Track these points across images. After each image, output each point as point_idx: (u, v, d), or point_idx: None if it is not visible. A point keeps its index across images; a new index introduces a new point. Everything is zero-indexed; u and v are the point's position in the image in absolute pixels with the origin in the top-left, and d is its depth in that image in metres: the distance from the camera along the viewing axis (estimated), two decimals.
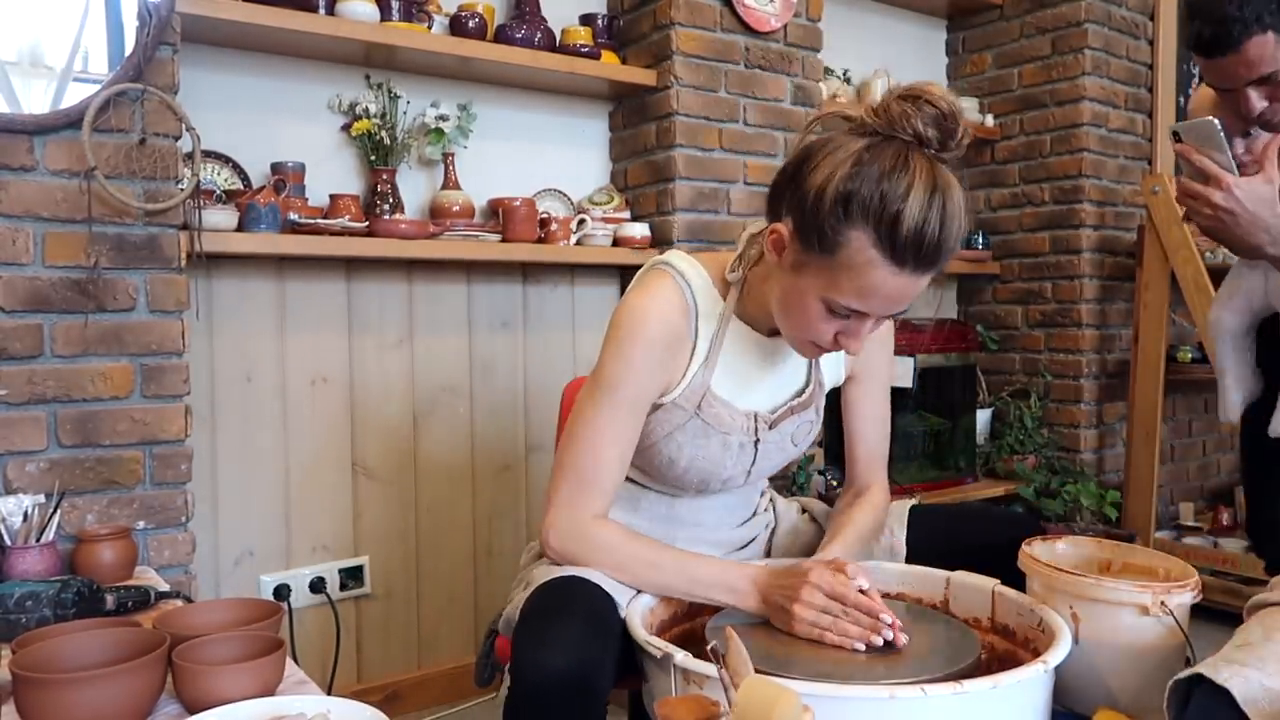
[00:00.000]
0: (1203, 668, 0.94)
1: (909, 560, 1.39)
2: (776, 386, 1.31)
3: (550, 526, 1.22)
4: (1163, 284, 2.84)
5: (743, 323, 1.26)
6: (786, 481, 2.54)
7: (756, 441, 1.28)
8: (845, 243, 1.04)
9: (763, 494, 1.49)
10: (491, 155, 2.38)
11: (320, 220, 1.97)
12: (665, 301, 1.20)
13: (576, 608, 1.10)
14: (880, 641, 1.08)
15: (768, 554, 1.43)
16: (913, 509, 1.43)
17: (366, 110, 2.12)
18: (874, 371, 1.39)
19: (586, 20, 2.43)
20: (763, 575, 1.16)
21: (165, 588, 1.52)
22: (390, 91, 2.16)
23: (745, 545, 1.42)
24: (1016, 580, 1.24)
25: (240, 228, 1.89)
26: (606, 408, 1.20)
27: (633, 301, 1.21)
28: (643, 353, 1.19)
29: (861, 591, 1.10)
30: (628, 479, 1.32)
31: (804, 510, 1.49)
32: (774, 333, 1.25)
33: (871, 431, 1.42)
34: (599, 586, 1.15)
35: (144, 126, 1.69)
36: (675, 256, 1.26)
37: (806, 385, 1.33)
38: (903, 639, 1.08)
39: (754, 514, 1.45)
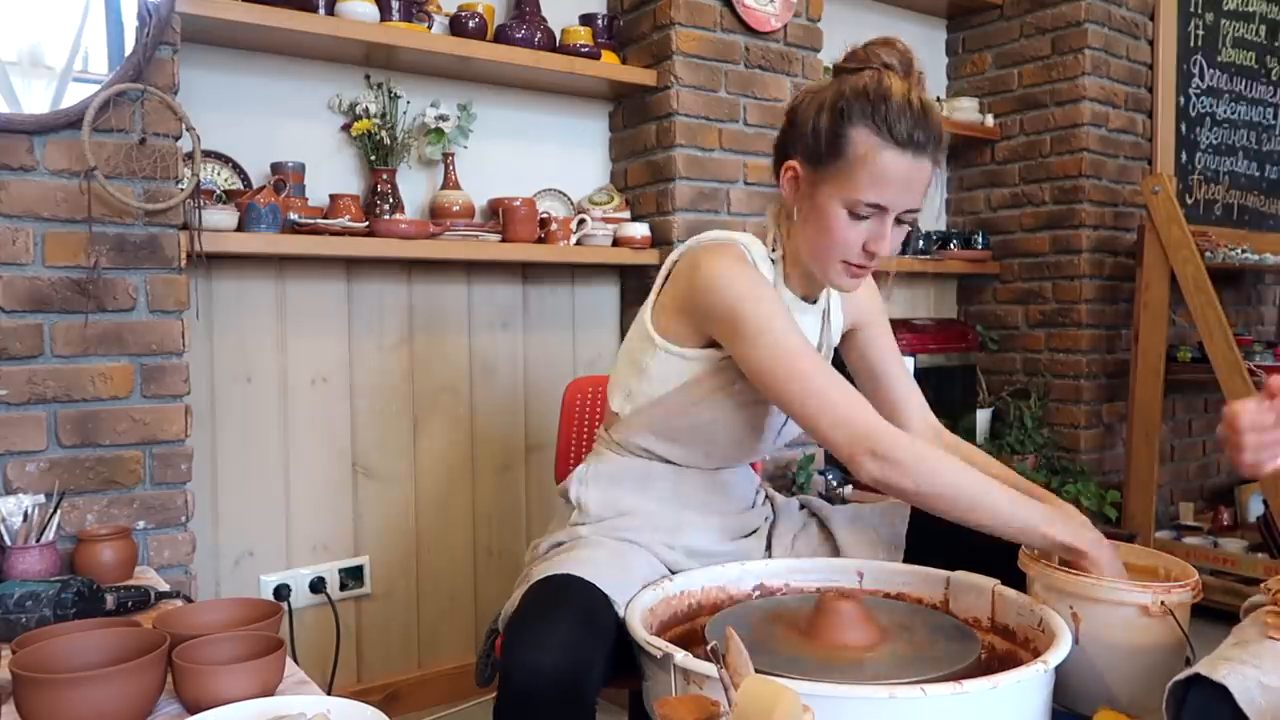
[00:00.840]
0: (1200, 666, 0.94)
1: (909, 558, 1.39)
2: None
3: (873, 445, 1.15)
4: (1163, 284, 2.84)
5: (787, 290, 1.34)
6: (786, 482, 2.54)
7: None
8: (849, 141, 1.18)
9: (758, 490, 1.50)
10: (491, 155, 2.38)
11: (320, 220, 1.97)
12: (747, 261, 1.27)
13: (568, 606, 1.11)
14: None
15: (768, 547, 1.43)
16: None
17: (366, 110, 2.12)
18: (874, 316, 1.47)
19: (586, 20, 2.43)
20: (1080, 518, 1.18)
21: (165, 588, 1.52)
22: (390, 91, 2.16)
23: (750, 534, 1.43)
24: (1017, 580, 1.24)
25: (240, 228, 1.89)
26: (803, 354, 1.19)
27: (722, 265, 1.24)
28: (761, 286, 1.23)
29: None
30: (642, 451, 1.36)
31: (803, 506, 1.50)
32: (808, 297, 1.35)
33: (900, 370, 1.47)
34: (593, 585, 1.15)
35: (144, 126, 1.69)
36: (726, 233, 1.32)
37: (820, 346, 1.40)
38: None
39: (753, 504, 1.46)
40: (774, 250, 1.33)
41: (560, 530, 1.38)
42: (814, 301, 1.38)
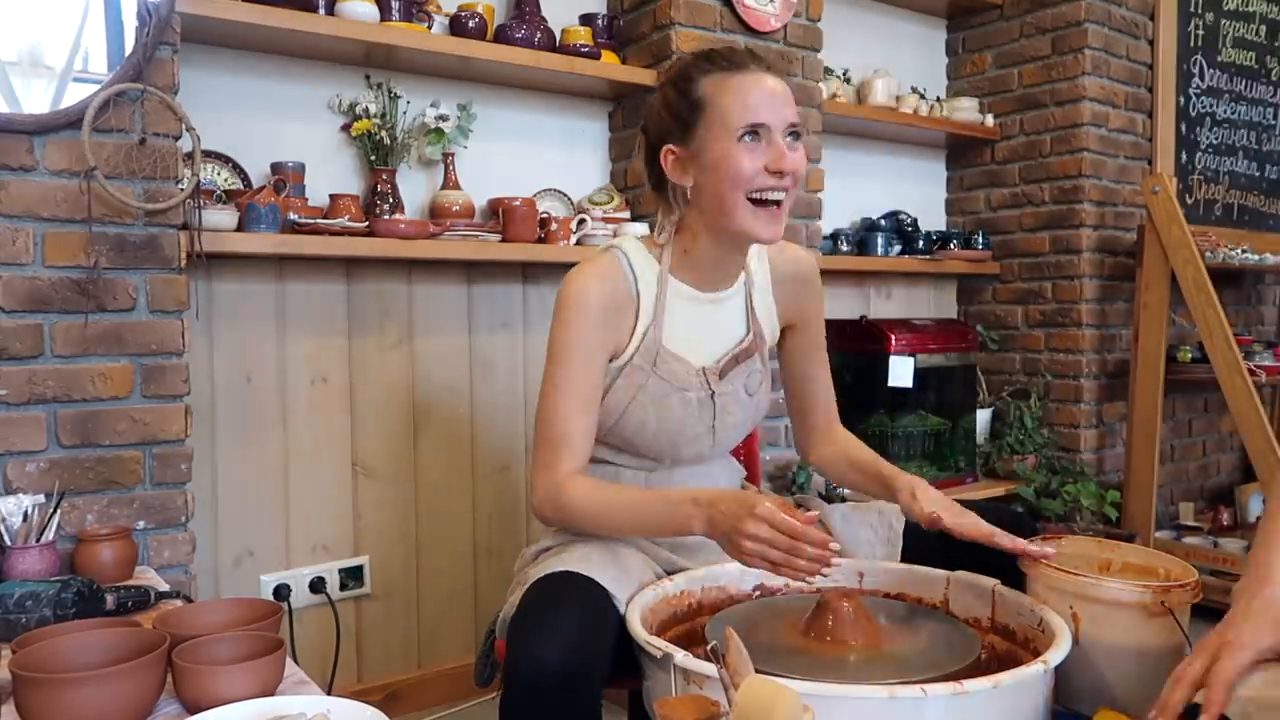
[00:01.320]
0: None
1: (906, 557, 1.39)
2: (719, 338, 1.39)
3: (534, 494, 1.29)
4: (1163, 284, 2.85)
5: (680, 282, 1.36)
6: (786, 481, 2.54)
7: (712, 395, 1.36)
8: (700, 93, 1.26)
9: (744, 486, 1.51)
10: (491, 155, 2.38)
11: (320, 220, 1.97)
12: (601, 273, 1.32)
13: (572, 602, 1.12)
14: (828, 574, 1.11)
15: None
16: None
17: (366, 110, 2.12)
18: (813, 316, 1.50)
19: (586, 20, 2.43)
20: (708, 500, 1.17)
21: (165, 588, 1.52)
22: (390, 91, 2.16)
23: None
24: (1016, 581, 1.24)
25: (240, 228, 1.89)
26: (561, 372, 1.30)
27: (572, 279, 1.31)
28: (585, 318, 1.29)
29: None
30: (605, 461, 1.38)
31: (799, 505, 1.49)
32: (709, 289, 1.37)
33: (824, 377, 1.52)
34: (595, 582, 1.16)
35: (144, 126, 1.69)
36: (618, 238, 1.41)
37: (746, 333, 1.41)
38: (837, 562, 1.14)
39: None
40: (660, 235, 1.36)
41: (547, 536, 1.40)
42: (721, 291, 1.38)
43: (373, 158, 2.15)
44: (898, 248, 2.99)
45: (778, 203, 1.26)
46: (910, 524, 1.41)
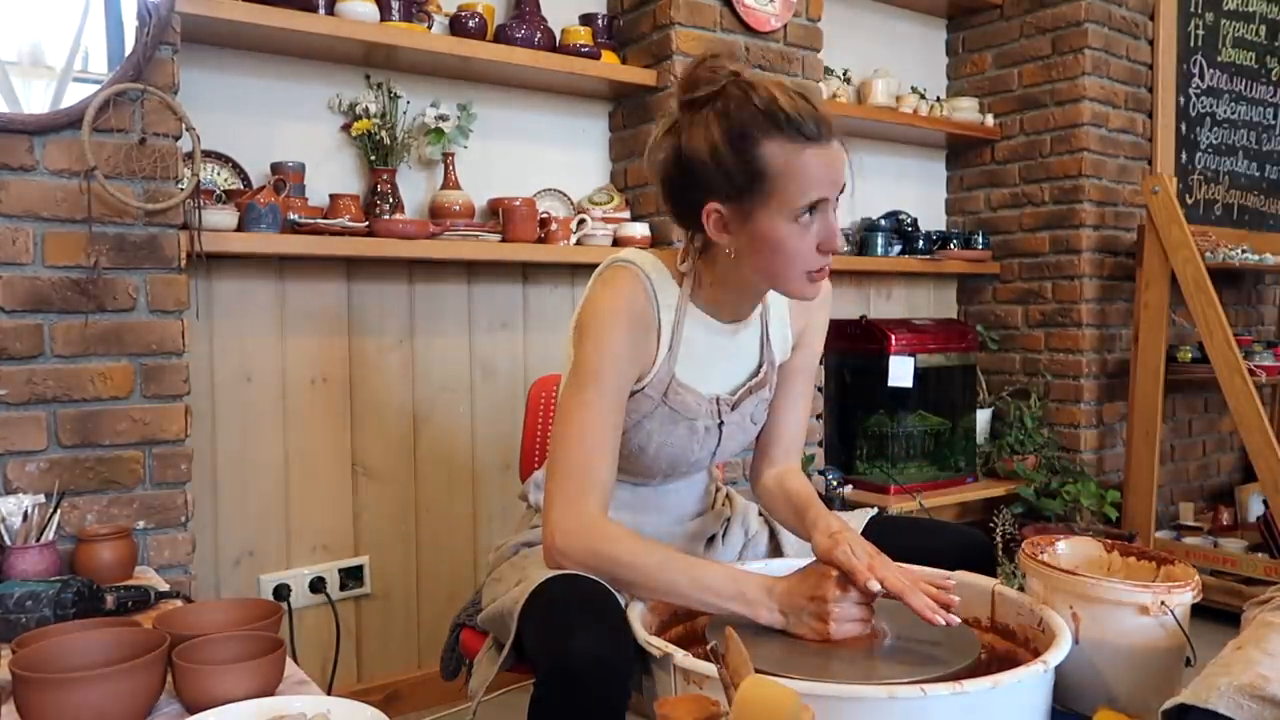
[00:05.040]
0: (1186, 695, 0.94)
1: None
2: (734, 370, 1.34)
3: (555, 529, 1.16)
4: (1163, 284, 2.85)
5: (699, 310, 1.29)
6: None
7: (720, 424, 1.32)
8: (764, 160, 1.13)
9: (718, 489, 1.51)
10: (491, 155, 2.38)
11: (320, 220, 1.97)
12: (633, 292, 1.23)
13: (594, 598, 1.10)
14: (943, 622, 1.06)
15: (709, 544, 1.44)
16: (873, 518, 1.44)
17: (366, 110, 2.12)
18: (810, 339, 1.42)
19: (586, 20, 2.43)
20: (779, 586, 1.13)
21: (165, 588, 1.52)
22: (390, 91, 2.16)
23: (710, 538, 1.43)
24: None
25: (240, 228, 1.89)
26: (595, 399, 1.19)
27: (602, 294, 1.23)
28: (623, 339, 1.21)
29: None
30: None
31: (761, 513, 1.50)
32: (728, 319, 1.31)
33: (800, 410, 1.44)
34: (599, 582, 1.15)
35: (144, 126, 1.69)
36: (632, 253, 1.29)
37: (761, 365, 1.36)
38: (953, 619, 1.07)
39: (712, 505, 1.47)
40: (682, 262, 1.28)
41: (525, 532, 1.39)
42: (738, 322, 1.32)
43: (373, 158, 2.15)
44: (898, 248, 2.99)
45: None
46: (869, 532, 1.38)
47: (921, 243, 3.03)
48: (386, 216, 2.10)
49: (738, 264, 1.21)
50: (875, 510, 1.48)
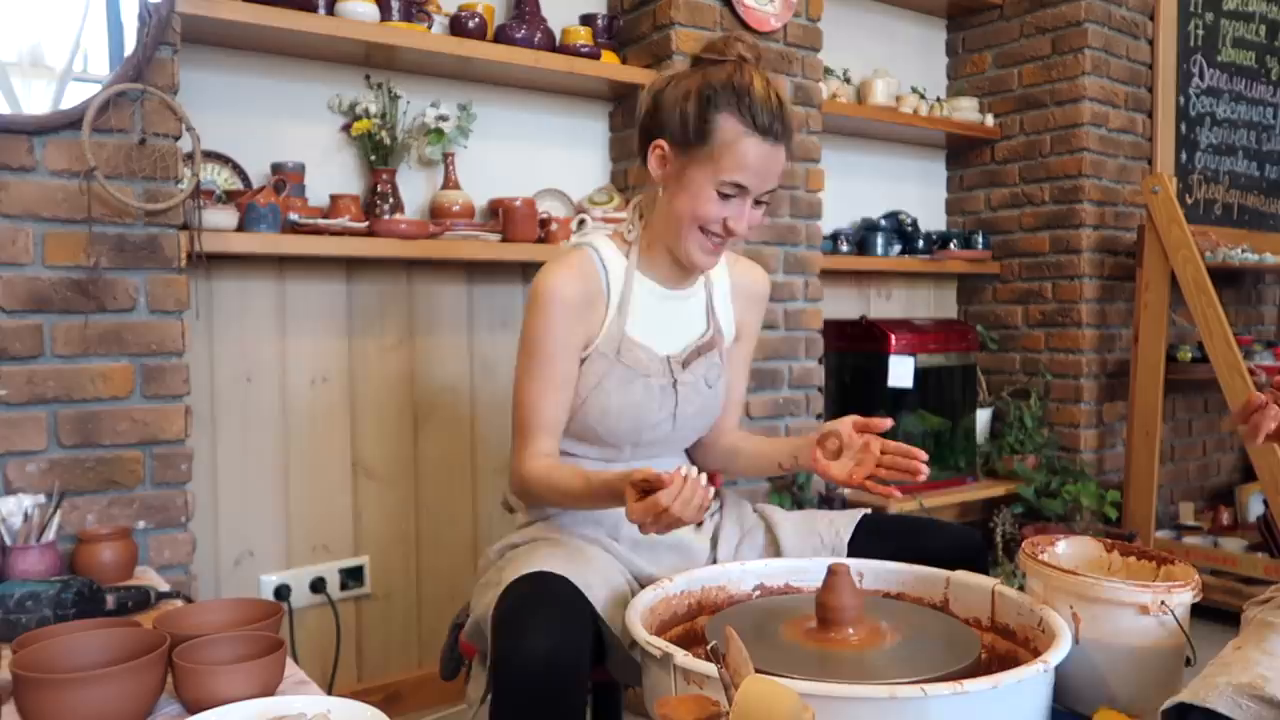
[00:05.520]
0: (1185, 694, 0.95)
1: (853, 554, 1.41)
2: (682, 331, 1.46)
3: (514, 474, 1.38)
4: (1163, 284, 2.85)
5: (646, 277, 1.43)
6: (786, 481, 2.54)
7: (675, 383, 1.42)
8: (715, 127, 1.28)
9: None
10: (491, 155, 2.38)
11: (320, 220, 1.97)
12: (574, 267, 1.37)
13: (549, 597, 1.16)
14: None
15: (714, 546, 1.45)
16: (864, 517, 1.47)
17: (366, 110, 2.12)
18: (750, 333, 1.57)
19: (586, 20, 2.43)
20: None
21: (165, 588, 1.52)
22: (390, 91, 2.16)
23: (697, 528, 1.45)
24: (952, 558, 1.30)
25: (240, 228, 1.89)
26: (535, 365, 1.36)
27: (544, 274, 1.37)
28: (558, 311, 1.34)
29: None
30: (568, 453, 1.43)
31: (756, 509, 1.53)
32: (673, 286, 1.44)
33: (742, 379, 1.60)
34: (564, 579, 1.20)
35: (144, 126, 1.69)
36: (589, 233, 1.47)
37: (708, 328, 1.48)
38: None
39: None
40: (630, 232, 1.42)
41: (510, 534, 1.44)
42: (683, 289, 1.45)
43: (373, 158, 2.15)
44: (898, 248, 2.99)
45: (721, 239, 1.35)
46: (860, 531, 1.44)
47: (921, 243, 3.03)
48: (386, 216, 2.10)
49: (665, 208, 1.35)
50: (866, 511, 1.50)
